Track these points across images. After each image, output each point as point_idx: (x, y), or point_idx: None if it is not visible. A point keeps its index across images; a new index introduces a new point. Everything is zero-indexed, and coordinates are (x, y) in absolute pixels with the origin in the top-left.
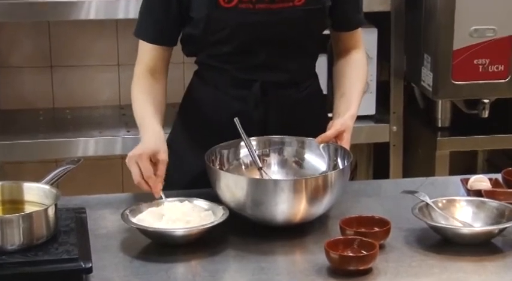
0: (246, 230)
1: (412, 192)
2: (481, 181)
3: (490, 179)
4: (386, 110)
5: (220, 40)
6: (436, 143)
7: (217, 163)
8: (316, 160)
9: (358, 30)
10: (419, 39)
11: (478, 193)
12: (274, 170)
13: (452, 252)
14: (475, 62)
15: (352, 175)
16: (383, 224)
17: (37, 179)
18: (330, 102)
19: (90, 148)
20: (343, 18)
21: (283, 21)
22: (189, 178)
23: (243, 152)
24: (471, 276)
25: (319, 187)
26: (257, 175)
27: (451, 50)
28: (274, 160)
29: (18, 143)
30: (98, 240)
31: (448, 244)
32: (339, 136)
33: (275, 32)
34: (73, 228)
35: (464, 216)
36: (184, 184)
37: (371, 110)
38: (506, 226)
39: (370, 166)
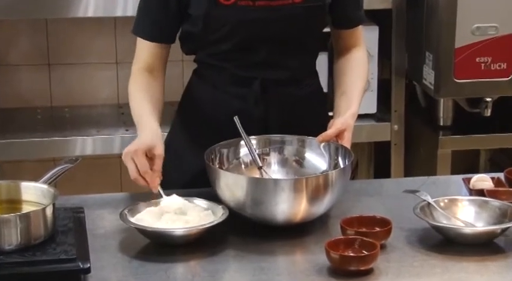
0: (246, 230)
1: (413, 191)
2: (483, 180)
3: (493, 179)
4: (388, 108)
5: (219, 37)
6: (437, 142)
7: (216, 162)
8: (316, 159)
9: (359, 28)
10: (420, 37)
11: (480, 193)
12: (275, 169)
13: (454, 252)
14: (477, 60)
15: (353, 174)
16: (384, 224)
17: (35, 178)
18: (330, 100)
19: (88, 147)
20: (344, 15)
21: (283, 18)
22: (189, 177)
23: (243, 151)
24: (473, 276)
25: (320, 187)
26: (257, 174)
27: (453, 48)
28: (274, 159)
29: (16, 142)
30: (96, 240)
31: (450, 244)
32: (339, 135)
33: (275, 29)
34: (71, 228)
35: (467, 216)
36: (183, 183)
37: (372, 109)
38: (509, 225)
39: (371, 165)
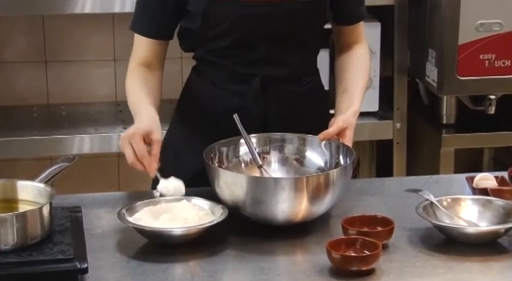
0: (245, 230)
1: (416, 190)
2: (487, 179)
3: (496, 177)
4: (390, 106)
5: (218, 34)
6: (440, 140)
7: (216, 161)
8: (317, 158)
9: (361, 24)
10: (423, 34)
11: (484, 192)
12: (275, 168)
13: (457, 252)
14: (481, 57)
15: (354, 173)
16: (386, 224)
17: (31, 177)
18: (331, 98)
19: (85, 145)
20: (345, 11)
21: (283, 14)
22: (188, 175)
23: (243, 150)
24: (476, 276)
25: (321, 185)
26: (257, 173)
27: (456, 45)
28: (274, 157)
29: (12, 140)
30: (93, 240)
31: (453, 244)
32: (341, 133)
33: (275, 25)
34: (68, 227)
35: (470, 215)
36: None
37: (374, 107)
38: None
39: (373, 163)
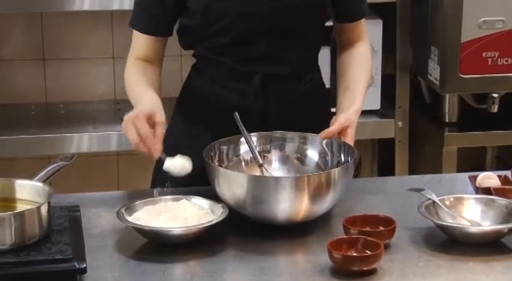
0: (246, 229)
1: (418, 190)
2: (489, 178)
3: (499, 176)
4: (392, 104)
5: (218, 31)
6: (443, 139)
7: (216, 160)
8: (318, 157)
9: (362, 22)
10: (425, 31)
11: (487, 191)
12: (275, 167)
13: (460, 252)
14: (484, 54)
15: (356, 172)
16: (388, 223)
17: (29, 176)
18: (333, 96)
19: (84, 144)
20: (346, 8)
21: (284, 9)
22: (187, 174)
23: (243, 148)
24: (479, 277)
25: (322, 185)
26: (257, 172)
27: (459, 43)
28: (275, 156)
29: (10, 138)
30: (92, 239)
31: (455, 244)
32: (342, 132)
33: (275, 22)
34: (66, 227)
35: (473, 214)
36: (181, 181)
37: (376, 105)
38: None
39: (374, 162)
